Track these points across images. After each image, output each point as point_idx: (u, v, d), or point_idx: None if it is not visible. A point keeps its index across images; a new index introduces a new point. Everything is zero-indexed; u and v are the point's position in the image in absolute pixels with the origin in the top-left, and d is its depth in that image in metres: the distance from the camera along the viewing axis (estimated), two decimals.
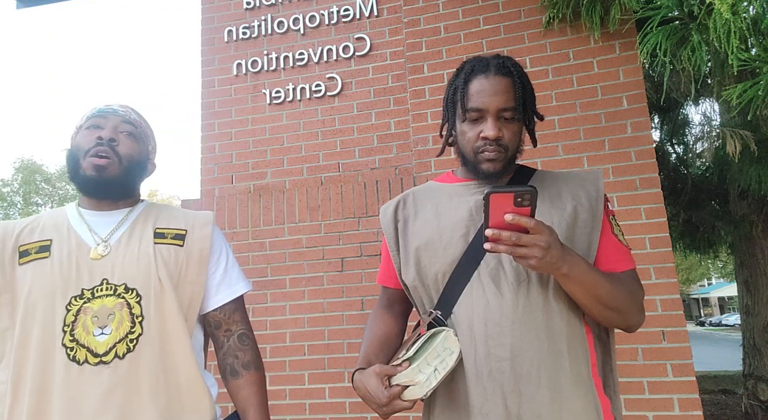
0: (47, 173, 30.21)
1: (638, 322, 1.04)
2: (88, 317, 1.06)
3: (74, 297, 1.07)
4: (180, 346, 1.12)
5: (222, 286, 1.24)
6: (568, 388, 0.97)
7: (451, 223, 1.10)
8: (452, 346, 1.00)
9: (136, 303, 1.10)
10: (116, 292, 1.09)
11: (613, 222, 1.10)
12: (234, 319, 1.24)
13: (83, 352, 1.04)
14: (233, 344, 1.22)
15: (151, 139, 1.28)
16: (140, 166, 1.23)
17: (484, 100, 1.05)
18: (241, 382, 1.20)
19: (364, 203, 3.05)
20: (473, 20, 3.06)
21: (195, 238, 1.21)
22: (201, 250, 1.21)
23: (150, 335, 1.09)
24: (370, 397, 1.01)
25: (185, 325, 1.13)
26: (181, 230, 1.21)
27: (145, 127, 1.25)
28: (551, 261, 0.89)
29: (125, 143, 1.19)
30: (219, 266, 1.25)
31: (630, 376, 2.50)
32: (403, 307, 1.29)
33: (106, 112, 1.20)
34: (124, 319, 1.08)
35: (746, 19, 2.01)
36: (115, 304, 1.08)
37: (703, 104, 4.86)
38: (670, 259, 2.57)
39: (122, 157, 1.17)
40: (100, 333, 1.06)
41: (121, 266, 1.11)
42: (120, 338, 1.06)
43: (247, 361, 1.22)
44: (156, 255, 1.14)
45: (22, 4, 4.17)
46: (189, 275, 1.17)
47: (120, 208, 1.22)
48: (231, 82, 3.48)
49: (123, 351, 1.06)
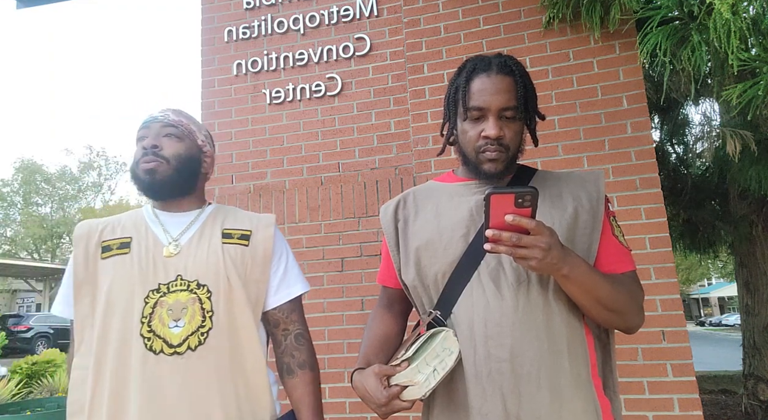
0: (47, 173, 30.21)
1: (638, 323, 1.03)
2: (164, 310, 1.14)
3: (152, 291, 1.15)
4: (248, 341, 1.19)
5: (281, 286, 1.29)
6: (568, 388, 0.97)
7: (452, 223, 1.10)
8: (451, 347, 1.00)
9: (207, 299, 1.16)
10: (189, 287, 1.17)
11: (614, 223, 1.10)
12: (291, 318, 1.29)
13: (159, 342, 1.12)
14: (290, 343, 1.27)
15: (197, 133, 1.32)
16: (191, 161, 1.28)
17: (485, 99, 1.05)
18: (296, 381, 1.24)
19: (364, 203, 3.05)
20: (473, 20, 3.06)
21: (259, 239, 1.27)
22: (264, 250, 1.26)
23: (219, 329, 1.15)
24: (369, 397, 1.01)
25: (254, 320, 1.20)
26: (247, 231, 1.28)
27: (187, 124, 1.29)
28: (551, 262, 0.89)
29: (168, 145, 1.25)
30: (279, 267, 1.30)
31: (630, 376, 2.50)
32: (402, 306, 1.28)
33: (147, 122, 1.27)
34: (195, 313, 1.15)
35: (746, 19, 2.01)
36: (188, 298, 1.15)
37: (703, 104, 4.85)
38: (670, 259, 2.57)
39: (169, 158, 1.23)
40: (174, 325, 1.13)
41: (193, 264, 1.19)
42: (192, 331, 1.13)
43: (302, 360, 1.26)
44: (224, 254, 1.21)
45: (22, 4, 4.17)
46: (254, 274, 1.24)
47: (191, 210, 1.30)
48: (231, 82, 3.48)
49: (195, 343, 1.13)
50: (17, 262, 20.26)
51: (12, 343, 14.82)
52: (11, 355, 13.31)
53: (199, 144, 1.31)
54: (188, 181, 1.28)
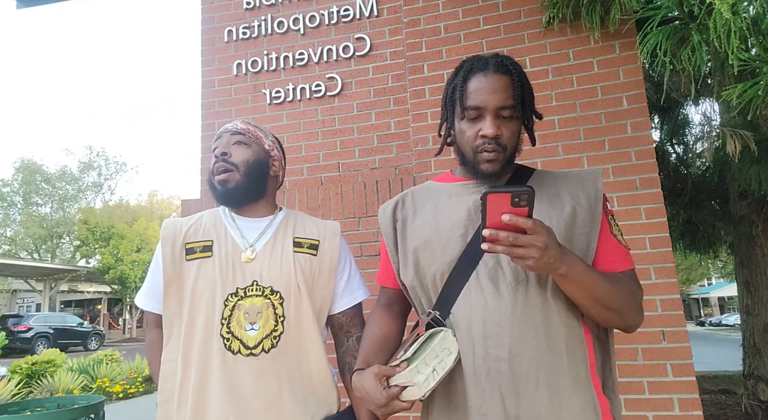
0: (47, 173, 30.22)
1: (637, 322, 1.03)
2: (241, 313, 1.23)
3: (230, 294, 1.24)
4: (313, 345, 1.28)
5: (346, 292, 1.38)
6: (567, 388, 0.97)
7: (450, 223, 1.10)
8: (450, 347, 1.00)
9: (280, 304, 1.25)
10: (264, 293, 1.25)
11: (612, 222, 1.10)
12: (354, 322, 1.38)
13: (237, 343, 1.21)
14: (352, 345, 1.36)
15: (264, 138, 1.39)
16: (259, 166, 1.35)
17: (482, 99, 1.05)
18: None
19: (364, 203, 3.05)
20: (473, 20, 3.06)
21: (326, 248, 1.36)
22: (331, 259, 1.35)
23: (290, 333, 1.25)
24: (369, 397, 1.01)
25: (317, 326, 1.29)
26: (315, 241, 1.36)
27: (253, 131, 1.37)
28: (549, 261, 0.89)
29: (237, 152, 1.33)
30: (344, 274, 1.39)
31: (630, 376, 2.50)
32: (402, 307, 1.28)
33: (219, 133, 1.36)
34: (269, 317, 1.24)
35: (746, 19, 2.01)
36: (263, 303, 1.24)
37: (703, 104, 4.85)
38: (670, 259, 2.57)
39: (238, 165, 1.31)
40: (250, 328, 1.22)
41: (267, 270, 1.27)
42: (266, 334, 1.22)
43: None
44: (296, 263, 1.29)
45: (22, 4, 4.17)
46: (321, 281, 1.33)
47: (264, 216, 1.38)
48: (231, 82, 3.48)
49: (269, 346, 1.22)
50: (17, 262, 20.28)
51: (12, 343, 14.84)
52: (11, 355, 13.32)
53: (267, 148, 1.38)
54: (258, 184, 1.35)
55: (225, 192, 1.31)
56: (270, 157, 1.40)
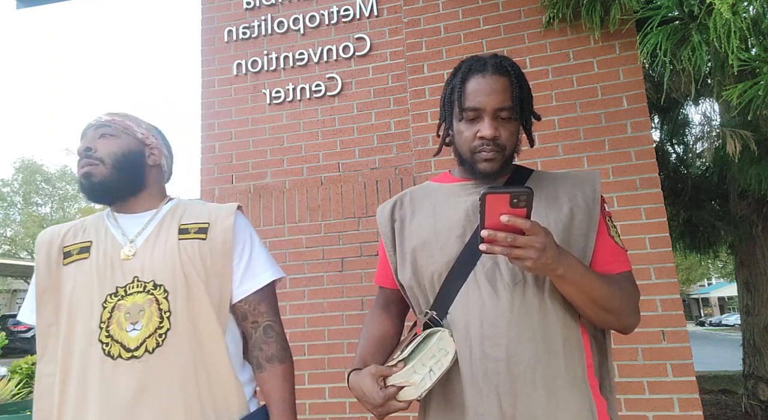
0: (47, 173, 30.23)
1: (633, 323, 1.03)
2: (121, 314, 1.11)
3: (109, 295, 1.13)
4: (211, 341, 1.14)
5: (246, 276, 1.23)
6: (564, 389, 0.97)
7: (448, 224, 1.10)
8: (448, 347, 1.00)
9: (164, 299, 1.13)
10: (146, 288, 1.13)
11: (610, 223, 1.10)
12: (260, 310, 1.23)
13: (117, 347, 1.09)
14: (259, 336, 1.22)
15: (135, 127, 1.27)
16: (131, 157, 1.23)
17: (481, 100, 1.05)
18: (265, 375, 1.20)
19: (364, 203, 3.05)
20: (473, 20, 3.06)
21: (217, 230, 1.22)
22: (224, 241, 1.21)
23: (177, 330, 1.12)
24: (366, 397, 1.01)
25: (217, 319, 1.16)
26: (204, 224, 1.23)
27: (120, 121, 1.25)
28: (547, 262, 0.89)
29: (102, 145, 1.21)
30: (243, 256, 1.24)
31: (630, 376, 2.50)
32: (399, 307, 1.28)
33: (84, 130, 1.25)
34: (153, 314, 1.12)
35: (746, 19, 2.00)
36: (144, 300, 1.12)
37: (703, 104, 4.85)
38: (670, 259, 2.57)
39: (103, 158, 1.20)
40: (132, 329, 1.10)
41: (149, 264, 1.15)
42: (149, 333, 1.10)
43: (270, 354, 1.21)
44: (180, 251, 1.17)
45: (22, 4, 4.17)
46: (215, 267, 1.19)
47: (146, 209, 1.26)
48: (231, 82, 3.48)
49: (153, 345, 1.09)
50: (17, 262, 20.27)
51: (12, 343, 14.83)
52: (11, 355, 13.31)
53: (140, 137, 1.26)
54: (133, 176, 1.24)
55: (91, 186, 1.19)
56: (146, 146, 1.27)
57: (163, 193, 1.31)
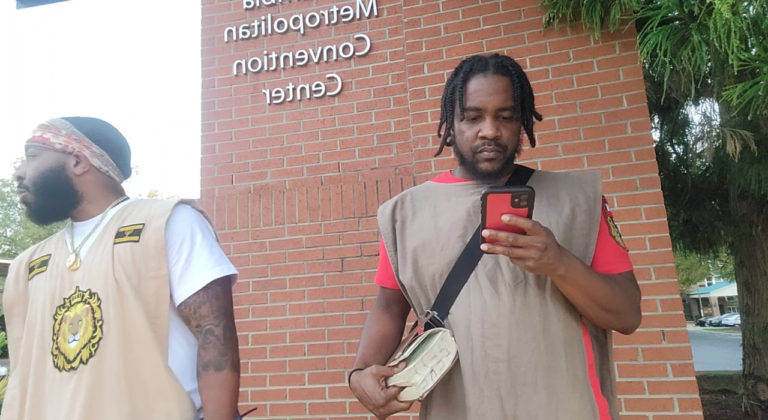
0: None
1: (635, 324, 1.03)
2: (66, 325, 1.11)
3: (59, 307, 1.13)
4: (144, 348, 1.09)
5: (183, 278, 1.15)
6: (565, 389, 0.97)
7: (449, 224, 1.10)
8: (449, 347, 1.00)
9: (98, 307, 1.10)
10: (83, 298, 1.12)
11: (611, 223, 1.10)
12: (200, 313, 1.14)
13: (62, 358, 1.09)
14: (200, 341, 1.15)
15: (53, 138, 1.19)
16: (50, 176, 1.18)
17: (482, 99, 1.05)
18: (201, 383, 1.12)
19: (364, 203, 3.05)
20: (473, 20, 3.06)
21: (150, 231, 1.14)
22: (156, 241, 1.13)
23: (110, 339, 1.08)
24: (367, 398, 1.01)
25: (149, 326, 1.09)
26: (139, 225, 1.16)
27: (39, 137, 1.19)
28: (548, 262, 0.89)
29: (28, 169, 1.19)
30: (181, 256, 1.15)
31: (630, 376, 2.50)
32: (400, 307, 1.28)
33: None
34: (88, 324, 1.10)
35: (746, 19, 2.01)
36: (82, 310, 1.11)
37: (703, 104, 4.85)
38: (670, 259, 2.57)
39: (28, 186, 1.18)
40: (72, 340, 1.10)
41: (89, 272, 1.13)
42: (84, 344, 1.09)
43: (207, 360, 1.12)
44: (114, 256, 1.12)
45: (22, 4, 4.17)
46: (149, 271, 1.12)
47: (94, 215, 1.23)
48: (231, 82, 3.48)
49: (87, 356, 1.08)
50: None
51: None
52: None
53: (59, 149, 1.19)
54: (58, 194, 1.18)
55: (31, 213, 1.19)
56: (68, 155, 1.19)
57: (109, 196, 1.24)
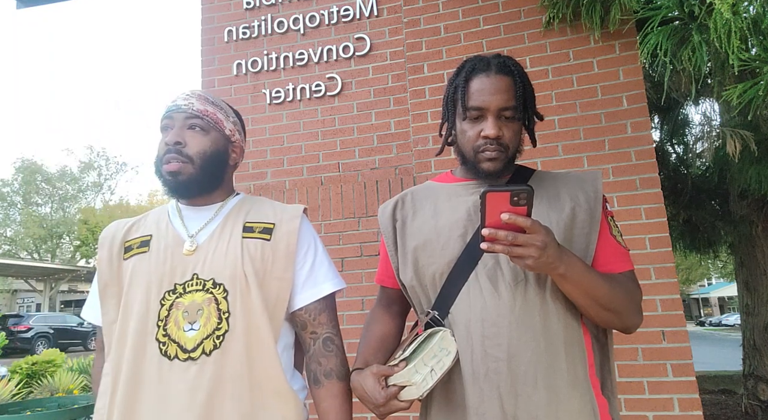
0: (47, 173, 30.19)
1: (636, 323, 1.03)
2: (179, 312, 1.07)
3: (168, 291, 1.08)
4: (264, 346, 1.08)
5: (308, 284, 1.17)
6: (565, 389, 0.97)
7: (449, 223, 1.10)
8: (449, 347, 1.00)
9: (224, 299, 1.08)
10: (205, 287, 1.09)
11: (612, 223, 1.10)
12: (320, 320, 1.17)
13: (174, 347, 1.05)
14: (318, 349, 1.15)
15: (225, 121, 1.21)
16: (217, 156, 1.18)
17: (484, 99, 1.05)
18: (323, 392, 1.13)
19: (364, 203, 3.05)
20: (473, 20, 3.06)
21: (282, 233, 1.16)
22: (288, 245, 1.15)
23: (236, 332, 1.06)
24: (367, 397, 1.01)
25: (269, 324, 1.09)
26: (269, 224, 1.17)
27: (212, 113, 1.18)
28: (548, 261, 0.89)
29: (193, 141, 1.15)
30: (306, 262, 1.18)
31: (630, 376, 2.50)
32: (401, 307, 1.28)
33: (171, 110, 1.17)
34: (211, 314, 1.07)
35: (747, 19, 2.00)
36: (203, 299, 1.07)
37: (703, 104, 4.85)
38: (670, 259, 2.57)
39: (192, 157, 1.14)
40: (189, 329, 1.06)
41: (210, 261, 1.10)
42: (207, 334, 1.05)
43: (329, 369, 1.14)
44: (243, 249, 1.12)
45: (22, 4, 4.17)
46: (275, 271, 1.13)
47: (214, 202, 1.21)
48: (231, 82, 3.48)
49: (210, 347, 1.04)
50: (17, 262, 20.26)
51: (12, 343, 14.84)
52: (11, 355, 13.32)
53: (227, 134, 1.21)
54: (214, 176, 1.19)
55: (176, 184, 1.13)
56: (230, 144, 1.22)
57: (231, 188, 1.27)
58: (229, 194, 1.25)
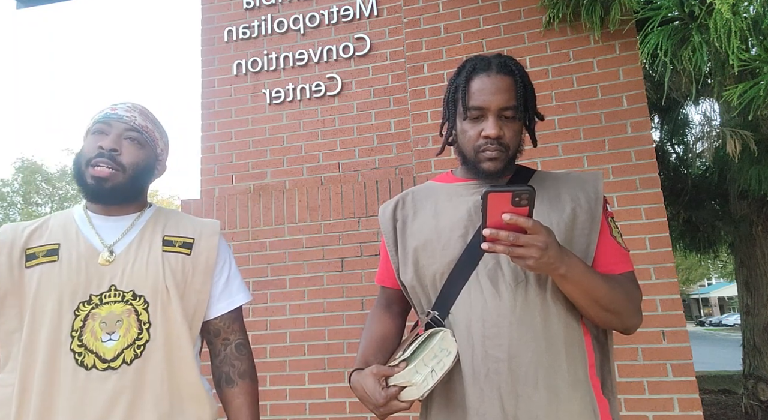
0: (47, 173, 30.21)
1: (636, 324, 1.03)
2: (96, 323, 1.08)
3: (82, 302, 1.08)
4: (184, 353, 1.14)
5: (223, 295, 1.25)
6: (566, 389, 0.97)
7: (450, 223, 1.10)
8: (449, 347, 1.00)
9: (144, 310, 1.11)
10: (124, 298, 1.11)
11: (612, 224, 1.10)
12: (233, 328, 1.26)
13: (91, 357, 1.06)
14: (230, 353, 1.24)
15: (159, 140, 1.25)
16: (146, 171, 1.21)
17: (485, 99, 1.05)
18: (236, 390, 1.22)
19: (364, 203, 3.05)
20: (473, 20, 3.06)
21: (202, 248, 1.23)
22: (207, 259, 1.22)
23: (157, 342, 1.10)
24: (367, 397, 1.01)
25: (189, 333, 1.15)
26: (189, 239, 1.22)
27: (151, 130, 1.22)
28: (548, 261, 0.89)
29: (129, 151, 1.16)
30: (222, 276, 1.26)
31: (630, 376, 2.50)
32: (401, 307, 1.28)
33: (110, 117, 1.17)
34: (131, 325, 1.09)
35: (747, 19, 2.01)
36: (122, 310, 1.09)
37: (703, 104, 4.85)
38: (670, 259, 2.57)
39: (126, 167, 1.15)
40: (108, 339, 1.07)
41: (129, 273, 1.12)
42: (128, 344, 1.08)
43: (243, 370, 1.24)
44: (164, 263, 1.15)
45: (22, 4, 4.17)
46: (195, 284, 1.19)
47: (128, 213, 1.22)
48: (231, 82, 3.47)
49: (131, 357, 1.08)
50: None
51: None
52: None
53: (158, 152, 1.24)
54: (138, 190, 1.21)
55: (100, 190, 1.13)
56: (157, 162, 1.25)
57: (145, 200, 1.28)
58: (144, 205, 1.27)
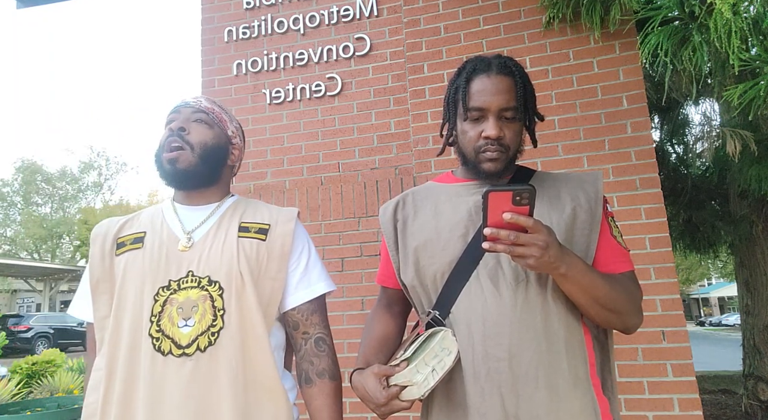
0: (47, 173, 30.21)
1: (636, 323, 1.03)
2: (173, 308, 1.08)
3: (162, 288, 1.10)
4: (258, 343, 1.10)
5: (301, 284, 1.20)
6: (566, 388, 0.97)
7: (450, 223, 1.10)
8: (450, 346, 1.00)
9: (219, 296, 1.10)
10: (200, 284, 1.10)
11: (612, 223, 1.10)
12: (312, 321, 1.20)
13: (168, 342, 1.06)
14: (309, 349, 1.18)
15: (229, 122, 1.26)
16: (217, 151, 1.21)
17: (485, 99, 1.05)
18: (315, 390, 1.15)
19: (364, 203, 3.05)
20: (473, 20, 3.06)
21: (277, 233, 1.19)
22: (282, 245, 1.18)
23: (231, 329, 1.08)
24: (369, 397, 1.01)
25: (264, 322, 1.12)
26: (265, 225, 1.20)
27: (219, 112, 1.24)
28: (549, 261, 0.89)
29: (196, 130, 1.19)
30: (300, 264, 1.21)
31: (630, 376, 2.50)
32: (402, 307, 1.28)
33: (178, 107, 1.21)
34: (206, 311, 1.08)
35: (747, 19, 2.01)
36: (198, 296, 1.09)
37: (703, 104, 4.85)
38: (670, 259, 2.57)
39: (194, 145, 1.17)
40: (184, 325, 1.07)
41: (206, 258, 1.12)
42: (202, 331, 1.07)
43: (322, 368, 1.17)
44: (239, 248, 1.14)
45: (22, 4, 4.17)
46: (269, 271, 1.16)
47: (210, 203, 1.24)
48: (231, 82, 3.48)
49: (205, 344, 1.06)
50: (17, 262, 20.24)
51: (12, 343, 14.84)
52: (11, 355, 13.32)
53: (229, 134, 1.25)
54: (212, 170, 1.21)
55: (174, 172, 1.16)
56: (231, 145, 1.26)
57: (228, 189, 1.30)
58: (225, 195, 1.28)
